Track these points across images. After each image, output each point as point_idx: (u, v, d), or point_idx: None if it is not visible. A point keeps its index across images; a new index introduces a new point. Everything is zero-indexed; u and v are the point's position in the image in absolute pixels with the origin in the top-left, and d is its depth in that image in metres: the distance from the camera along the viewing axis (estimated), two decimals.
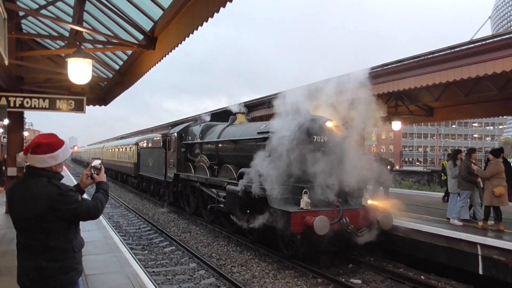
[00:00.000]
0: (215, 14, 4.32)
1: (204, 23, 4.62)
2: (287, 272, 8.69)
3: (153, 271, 8.63)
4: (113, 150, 32.84)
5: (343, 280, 8.18)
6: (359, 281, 8.25)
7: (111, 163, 32.78)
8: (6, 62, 5.12)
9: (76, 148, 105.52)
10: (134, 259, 9.07)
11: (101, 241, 8.17)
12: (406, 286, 7.98)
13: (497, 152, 9.41)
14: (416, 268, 8.88)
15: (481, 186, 9.54)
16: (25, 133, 46.71)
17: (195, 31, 4.98)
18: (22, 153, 10.99)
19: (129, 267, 6.24)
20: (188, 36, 5.22)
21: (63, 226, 2.97)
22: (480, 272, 7.80)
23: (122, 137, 46.70)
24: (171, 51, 6.06)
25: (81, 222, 3.14)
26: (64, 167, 3.25)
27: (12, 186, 3.15)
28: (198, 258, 9.55)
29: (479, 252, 7.83)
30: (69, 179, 26.30)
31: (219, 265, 9.08)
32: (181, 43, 5.54)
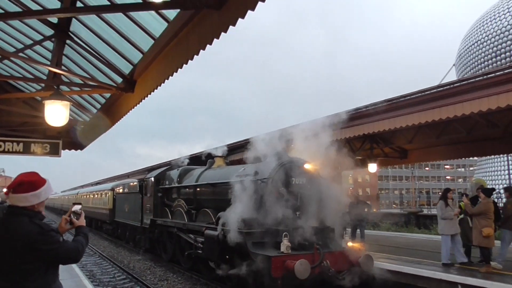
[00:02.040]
0: (195, 56, 4.41)
1: (184, 65, 4.70)
2: None
3: None
4: (87, 196, 32.03)
5: None
6: None
7: (86, 209, 31.59)
8: None
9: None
10: None
11: None
12: None
13: (489, 192, 9.34)
14: None
15: (470, 225, 9.51)
16: None
17: (174, 73, 5.05)
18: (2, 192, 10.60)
19: None
20: (167, 79, 5.26)
21: (42, 268, 2.88)
22: None
23: (97, 183, 45.73)
24: (150, 94, 6.08)
25: None
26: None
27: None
28: None
29: None
30: None
31: None
32: (160, 85, 5.58)
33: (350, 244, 9.21)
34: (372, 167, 16.06)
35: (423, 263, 9.61)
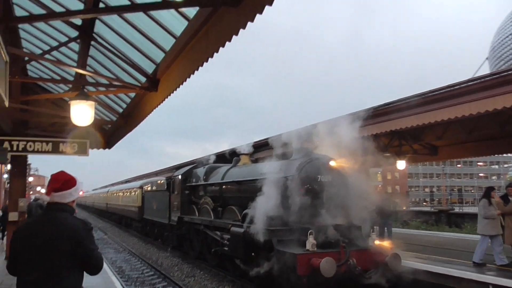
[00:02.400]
0: (215, 54, 4.40)
1: (205, 63, 4.70)
2: None
3: None
4: (117, 194, 32.72)
5: None
6: None
7: (116, 207, 32.57)
8: (7, 104, 5.18)
9: (81, 193, 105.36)
10: None
11: (101, 286, 7.95)
12: None
13: None
14: None
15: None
16: (30, 179, 46.87)
17: (196, 72, 5.06)
18: (24, 198, 10.97)
19: None
20: (189, 77, 5.29)
21: (77, 267, 2.97)
22: None
23: (127, 181, 46.67)
24: (172, 92, 6.12)
25: None
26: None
27: (25, 226, 3.30)
28: None
29: None
30: None
31: None
32: (182, 84, 5.61)
33: (377, 242, 9.05)
34: (401, 164, 15.73)
35: (453, 263, 9.33)
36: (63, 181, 3.10)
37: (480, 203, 9.80)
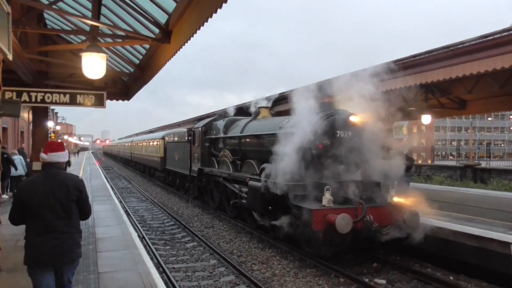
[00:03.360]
0: (223, 4, 4.12)
1: (214, 14, 4.44)
2: (309, 270, 8.46)
3: (173, 267, 8.58)
4: (141, 144, 33.30)
5: (367, 280, 7.89)
6: (384, 281, 7.94)
7: (140, 156, 33.26)
8: (10, 57, 5.12)
9: (107, 141, 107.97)
10: (154, 255, 9.09)
11: (119, 236, 8.16)
12: None
13: None
14: (445, 268, 8.50)
15: None
16: (57, 127, 48.03)
17: (205, 23, 4.81)
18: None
19: (142, 265, 6.15)
20: (199, 28, 5.04)
21: (77, 212, 3.96)
22: None
23: (150, 131, 47.34)
24: (184, 44, 5.90)
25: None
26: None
27: (32, 180, 4.12)
28: (219, 254, 9.44)
29: None
30: (98, 174, 26.86)
31: (239, 262, 8.95)
32: (194, 35, 5.38)
33: (396, 199, 8.90)
34: (426, 119, 15.25)
35: (474, 221, 9.15)
36: (57, 145, 4.06)
37: None
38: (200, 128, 16.00)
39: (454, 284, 7.66)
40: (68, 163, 20.16)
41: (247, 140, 12.55)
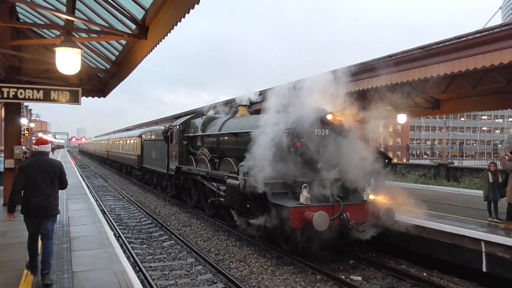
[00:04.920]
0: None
1: (191, 10, 4.39)
2: (286, 268, 8.50)
3: (150, 266, 8.50)
4: (118, 142, 32.81)
5: (343, 277, 7.99)
6: (359, 278, 8.05)
7: (117, 155, 32.77)
8: None
9: (84, 139, 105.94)
10: (130, 254, 8.98)
11: (94, 235, 8.01)
12: (407, 284, 7.76)
13: None
14: (419, 265, 8.67)
15: None
16: (31, 124, 46.86)
17: (183, 19, 4.75)
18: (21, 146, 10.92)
19: (118, 264, 6.05)
20: (176, 24, 4.99)
21: (58, 182, 5.78)
22: (484, 269, 7.57)
23: (127, 129, 46.71)
24: (161, 40, 5.84)
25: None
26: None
27: (30, 161, 5.83)
28: (196, 253, 9.39)
29: (483, 249, 7.59)
30: (73, 173, 26.35)
31: (217, 261, 8.92)
32: (170, 31, 5.32)
33: (372, 196, 9.03)
34: (401, 118, 15.51)
35: (447, 218, 9.36)
36: (45, 140, 6.06)
37: None
38: (178, 126, 15.87)
39: (427, 279, 7.82)
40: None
41: (225, 138, 12.52)
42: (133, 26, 6.73)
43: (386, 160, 12.14)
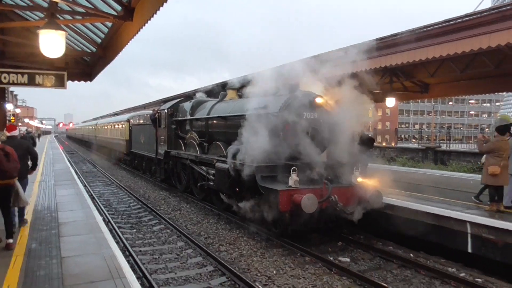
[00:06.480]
0: None
1: None
2: (275, 250, 8.58)
3: (140, 251, 8.50)
4: (106, 127, 32.51)
5: (331, 258, 8.08)
6: (348, 259, 8.15)
7: (105, 140, 32.50)
8: None
9: (71, 125, 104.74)
10: (120, 239, 8.97)
11: (83, 221, 7.97)
12: (394, 264, 7.88)
13: (502, 129, 8.53)
14: (406, 246, 8.80)
15: None
16: (17, 110, 46.15)
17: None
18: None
19: (107, 249, 6.03)
20: (162, 5, 4.90)
21: (30, 158, 7.62)
22: (469, 250, 7.71)
23: (115, 114, 46.26)
24: (147, 22, 5.74)
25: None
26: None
27: (10, 142, 7.00)
28: (186, 236, 9.42)
29: (469, 231, 7.72)
30: (61, 159, 26.10)
31: (206, 244, 8.96)
32: (156, 12, 5.22)
33: (360, 179, 9.10)
34: (390, 102, 15.55)
35: (434, 200, 9.48)
36: (15, 127, 7.72)
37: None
38: (166, 110, 15.75)
39: (414, 261, 7.95)
40: (34, 143, 23.42)
41: (214, 122, 12.46)
42: (119, 8, 6.61)
43: (369, 141, 12.07)
